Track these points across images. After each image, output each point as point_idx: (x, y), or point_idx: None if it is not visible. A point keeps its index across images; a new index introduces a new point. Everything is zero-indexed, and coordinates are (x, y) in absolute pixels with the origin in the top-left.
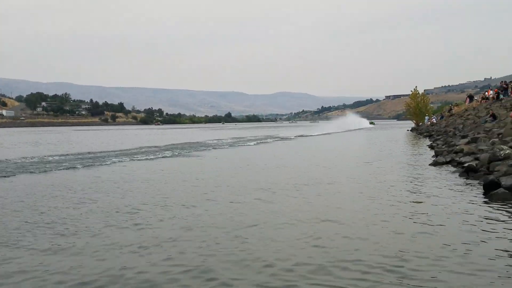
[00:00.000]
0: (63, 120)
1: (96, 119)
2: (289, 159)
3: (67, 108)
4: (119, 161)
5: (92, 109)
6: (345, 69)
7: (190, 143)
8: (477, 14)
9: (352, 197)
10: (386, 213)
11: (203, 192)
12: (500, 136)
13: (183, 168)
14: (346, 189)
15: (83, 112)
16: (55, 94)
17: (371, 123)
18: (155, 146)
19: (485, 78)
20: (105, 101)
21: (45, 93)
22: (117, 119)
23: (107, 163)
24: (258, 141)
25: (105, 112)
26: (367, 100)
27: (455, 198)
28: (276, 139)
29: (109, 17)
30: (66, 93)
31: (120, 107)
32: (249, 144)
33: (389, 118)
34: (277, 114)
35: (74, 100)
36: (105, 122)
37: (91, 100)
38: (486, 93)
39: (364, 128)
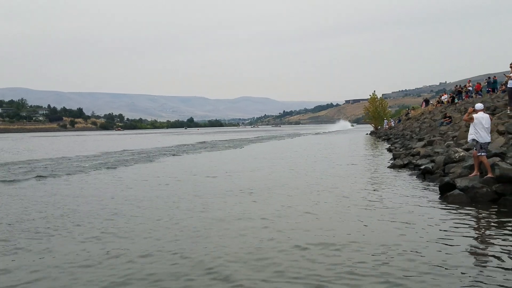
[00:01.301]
0: (19, 126)
1: (55, 125)
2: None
3: (24, 114)
4: (96, 170)
5: (50, 115)
6: (306, 74)
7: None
8: (432, 23)
9: (306, 201)
10: (343, 215)
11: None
12: (455, 139)
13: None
14: (301, 192)
15: (41, 118)
16: (11, 99)
17: (352, 125)
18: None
19: (440, 83)
20: (64, 107)
21: None
22: (76, 125)
23: (89, 172)
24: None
25: (63, 118)
26: (327, 104)
27: (412, 200)
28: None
29: (65, 20)
30: (22, 99)
31: (79, 113)
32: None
33: (350, 122)
34: (240, 119)
35: (31, 106)
36: (63, 128)
37: (49, 106)
38: (442, 96)
39: (347, 129)
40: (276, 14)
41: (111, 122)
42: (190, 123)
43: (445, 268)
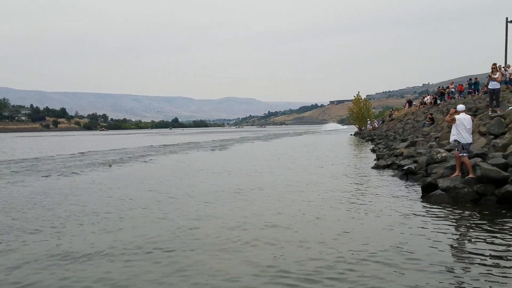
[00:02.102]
0: (1, 126)
1: (37, 125)
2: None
3: (6, 114)
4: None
5: (33, 115)
6: (291, 75)
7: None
8: (415, 26)
9: (291, 201)
10: (326, 215)
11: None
12: (437, 139)
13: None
14: (284, 192)
15: (23, 118)
16: None
17: (343, 125)
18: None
19: (423, 84)
20: (46, 107)
21: None
22: (60, 125)
23: (84, 171)
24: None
25: (46, 118)
26: (312, 105)
27: (395, 200)
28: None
29: (48, 19)
30: (4, 98)
31: (63, 113)
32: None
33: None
34: (225, 120)
35: (13, 106)
36: (46, 128)
37: (32, 106)
38: (425, 98)
39: (339, 129)
40: (261, 16)
41: (94, 122)
42: (175, 124)
43: (426, 266)
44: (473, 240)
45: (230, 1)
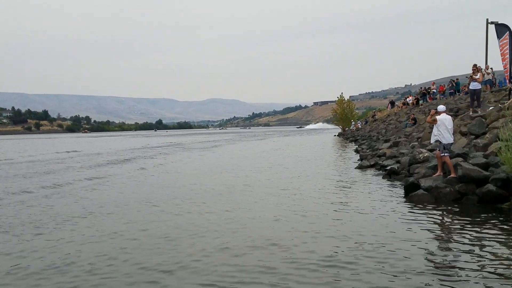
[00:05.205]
0: None
1: (19, 128)
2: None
3: None
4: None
5: (14, 117)
6: (275, 76)
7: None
8: (397, 26)
9: (273, 201)
10: (309, 215)
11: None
12: (419, 140)
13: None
14: (267, 193)
15: (4, 121)
16: None
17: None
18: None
19: (405, 85)
20: (28, 109)
21: None
22: (42, 127)
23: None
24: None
25: (28, 120)
26: (296, 106)
27: (378, 200)
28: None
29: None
30: None
31: (45, 115)
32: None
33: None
34: (209, 121)
35: None
36: (28, 130)
37: (13, 108)
38: (407, 98)
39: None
40: (243, 17)
41: (77, 125)
42: (159, 125)
43: (407, 265)
44: (454, 238)
45: (214, 1)
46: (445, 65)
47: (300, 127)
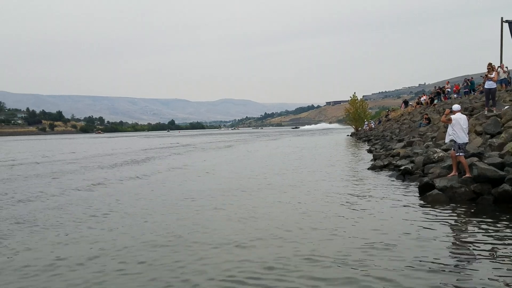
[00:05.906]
0: None
1: (34, 129)
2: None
3: (2, 118)
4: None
5: (29, 118)
6: (287, 76)
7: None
8: (412, 25)
9: (287, 201)
10: (324, 215)
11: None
12: (434, 139)
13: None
14: (280, 192)
15: (19, 122)
16: None
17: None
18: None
19: (419, 84)
20: (43, 110)
21: None
22: (56, 128)
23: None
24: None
25: (42, 121)
26: (308, 106)
27: (392, 200)
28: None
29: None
30: (0, 102)
31: (59, 116)
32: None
33: (330, 123)
34: (221, 121)
35: (9, 109)
36: (43, 131)
37: (28, 109)
38: (421, 98)
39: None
40: (256, 16)
41: (91, 125)
42: (171, 126)
43: (424, 265)
44: (470, 239)
45: (226, 0)
46: (459, 64)
47: (296, 127)
